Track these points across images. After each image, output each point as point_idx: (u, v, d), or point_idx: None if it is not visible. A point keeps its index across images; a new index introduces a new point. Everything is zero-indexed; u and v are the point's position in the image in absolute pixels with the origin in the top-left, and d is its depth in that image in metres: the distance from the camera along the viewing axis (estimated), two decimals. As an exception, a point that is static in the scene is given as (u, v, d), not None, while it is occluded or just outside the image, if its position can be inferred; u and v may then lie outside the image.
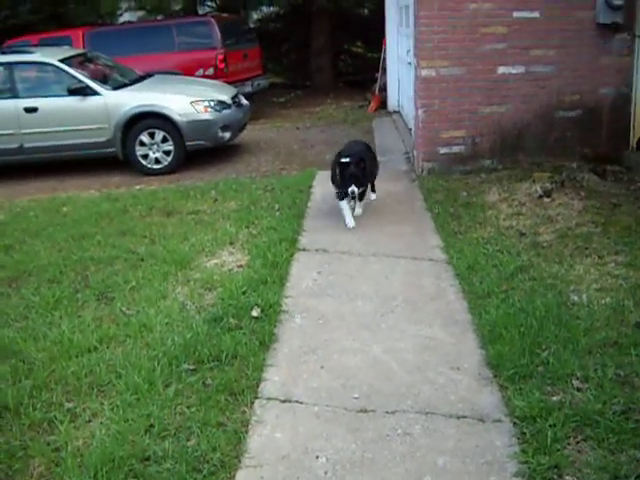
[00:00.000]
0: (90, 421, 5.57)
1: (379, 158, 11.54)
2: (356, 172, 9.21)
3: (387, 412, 5.48)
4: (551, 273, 7.72)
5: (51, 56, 14.34)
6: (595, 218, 9.31)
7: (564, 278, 7.59)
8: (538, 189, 10.46)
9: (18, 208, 12.17)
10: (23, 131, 14.19)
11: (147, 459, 5.02)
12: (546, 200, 10.15)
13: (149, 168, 14.44)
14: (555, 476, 4.78)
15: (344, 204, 9.56)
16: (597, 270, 7.76)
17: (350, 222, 9.51)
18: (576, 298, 7.08)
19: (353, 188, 9.11)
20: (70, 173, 14.76)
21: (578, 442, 5.11)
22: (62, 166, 14.84)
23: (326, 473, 4.88)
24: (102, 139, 14.27)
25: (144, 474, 4.85)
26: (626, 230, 8.79)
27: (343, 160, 9.36)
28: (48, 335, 6.91)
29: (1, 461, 5.04)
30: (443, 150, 12.12)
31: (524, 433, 5.20)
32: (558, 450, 4.99)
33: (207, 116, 14.37)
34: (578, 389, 5.67)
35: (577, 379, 5.78)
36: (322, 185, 11.60)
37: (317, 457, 4.98)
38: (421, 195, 11.15)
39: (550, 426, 5.19)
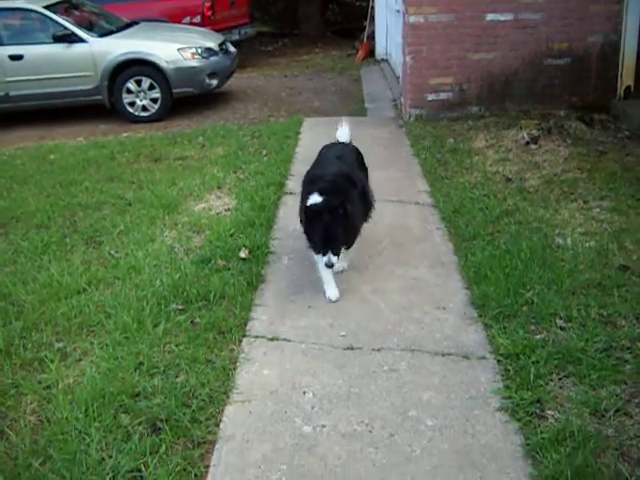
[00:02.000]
0: (80, 360, 5.61)
1: (367, 105, 11.22)
2: (334, 228, 5.75)
3: (373, 349, 5.56)
4: (537, 217, 7.77)
5: (36, 3, 14.11)
6: (581, 165, 9.34)
7: (549, 222, 7.63)
8: (525, 136, 10.46)
9: (5, 156, 12.07)
10: (8, 79, 13.98)
11: (137, 395, 5.08)
12: (533, 147, 10.17)
13: (136, 116, 14.33)
14: (537, 410, 4.87)
15: (320, 266, 6.16)
16: (582, 215, 7.81)
17: (332, 294, 6.30)
18: (561, 241, 7.14)
19: (330, 257, 5.81)
20: (57, 121, 14.62)
21: (560, 378, 5.20)
22: (49, 115, 14.72)
23: (313, 408, 4.95)
24: (88, 87, 14.11)
25: (134, 409, 4.91)
26: (611, 176, 8.83)
27: (312, 204, 5.86)
28: (37, 278, 6.92)
29: (-5, 399, 5.10)
30: (431, 97, 12.08)
31: (508, 370, 5.28)
32: (541, 386, 5.07)
33: (194, 63, 14.24)
34: (561, 328, 5.74)
35: (560, 318, 5.85)
36: (310, 131, 11.59)
37: (304, 392, 5.04)
38: (408, 141, 11.15)
39: (533, 363, 5.27)
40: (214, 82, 14.69)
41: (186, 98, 14.62)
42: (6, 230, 8.43)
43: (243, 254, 7.05)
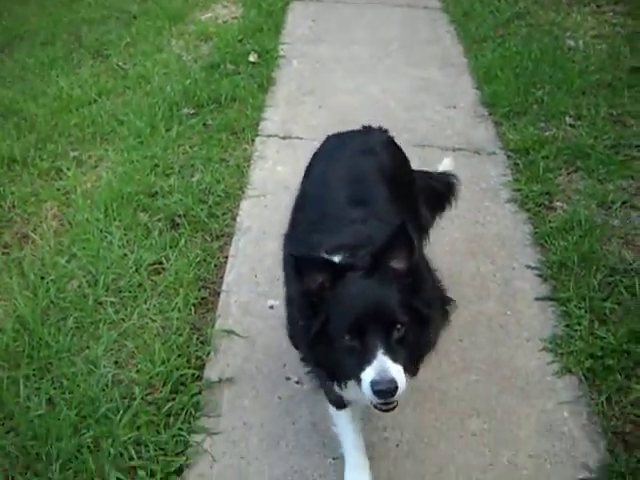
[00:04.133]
0: (96, 166, 5.62)
1: None
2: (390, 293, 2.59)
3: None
4: (548, 20, 7.55)
5: None
6: (594, -32, 8.96)
7: (561, 25, 7.43)
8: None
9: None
10: None
11: (154, 194, 5.12)
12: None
13: None
14: (546, 202, 4.91)
15: (343, 424, 3.21)
16: (594, 18, 7.59)
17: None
18: (572, 43, 6.98)
19: (384, 364, 2.43)
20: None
21: (569, 173, 5.21)
22: None
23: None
24: None
25: (152, 207, 4.96)
26: (625, -21, 8.48)
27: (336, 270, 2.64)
28: (47, 93, 6.80)
29: (17, 207, 5.11)
30: None
31: (517, 164, 5.29)
32: (550, 179, 5.09)
33: None
34: (571, 125, 5.71)
35: (570, 117, 5.81)
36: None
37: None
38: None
39: (543, 158, 5.28)
40: None
41: None
42: (11, 49, 8.19)
43: (252, 58, 6.91)
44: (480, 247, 4.54)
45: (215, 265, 4.51)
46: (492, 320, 3.99)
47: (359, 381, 2.46)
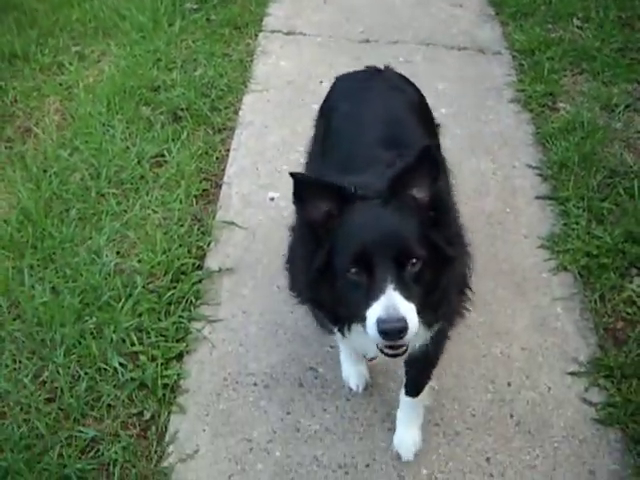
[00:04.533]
0: (99, 61, 5.51)
1: None
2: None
3: (389, 42, 5.43)
4: None
5: None
6: None
7: None
8: None
9: None
10: None
11: (157, 88, 5.04)
12: None
13: None
14: (550, 102, 4.85)
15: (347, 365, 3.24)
16: None
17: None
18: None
19: (392, 298, 2.09)
20: None
21: (574, 74, 5.12)
22: None
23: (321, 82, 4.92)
24: None
25: (155, 101, 4.90)
26: None
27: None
28: (47, -14, 6.60)
29: (19, 101, 5.05)
30: None
31: (522, 64, 5.19)
32: (554, 80, 5.01)
33: None
34: (578, 27, 5.58)
35: (578, 19, 5.67)
36: None
37: (321, 82, 4.95)
38: None
39: (548, 59, 5.18)
40: None
41: None
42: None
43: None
44: (481, 145, 4.50)
45: (217, 158, 4.48)
46: (491, 217, 3.98)
47: (363, 321, 2.12)
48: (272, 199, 4.14)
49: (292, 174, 2.17)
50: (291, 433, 2.99)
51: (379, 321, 2.04)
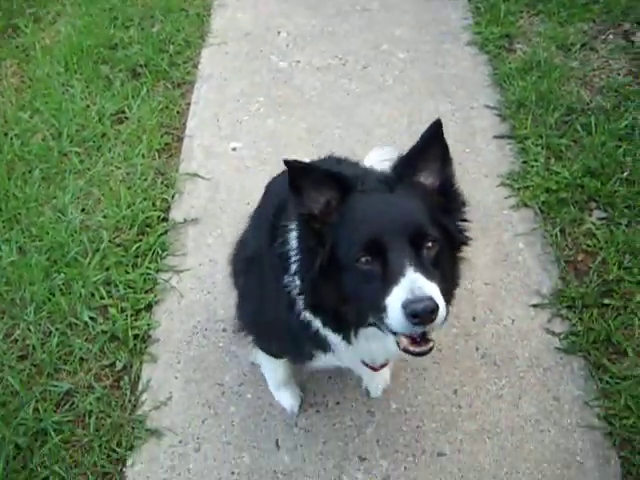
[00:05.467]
0: (55, 22, 5.40)
1: None
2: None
3: (346, -10, 5.37)
4: None
5: None
6: None
7: None
8: None
9: None
10: None
11: (114, 46, 4.97)
12: None
13: None
14: (506, 44, 4.83)
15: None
16: None
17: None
18: None
19: (417, 280, 1.86)
20: None
21: (530, 16, 5.10)
22: None
23: (287, 46, 4.89)
24: None
25: (113, 59, 4.83)
26: None
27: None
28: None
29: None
30: None
31: (478, 8, 5.16)
32: (511, 22, 4.99)
33: None
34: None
35: (532, -40, 5.60)
36: None
37: (279, 32, 4.93)
38: None
39: (504, 1, 5.14)
40: None
41: None
42: None
43: None
44: (439, 88, 4.48)
45: (177, 112, 4.45)
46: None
47: (382, 312, 1.86)
48: (234, 149, 4.12)
49: (286, 162, 1.91)
50: (261, 375, 3.00)
51: (406, 303, 1.79)
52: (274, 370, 2.89)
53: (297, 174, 1.94)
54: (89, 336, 3.20)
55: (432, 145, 1.98)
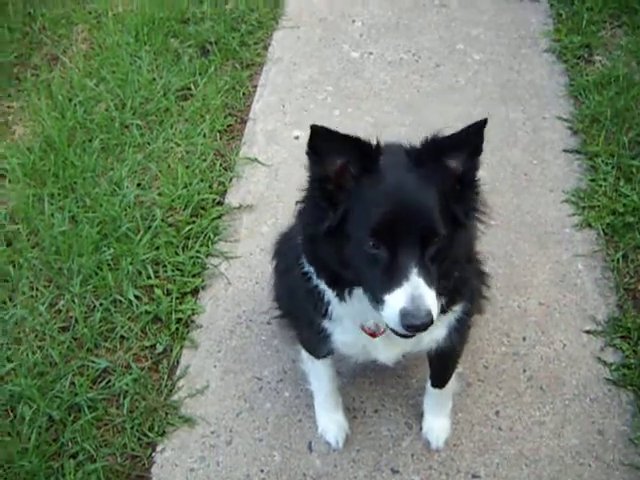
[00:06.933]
0: (130, -10, 5.38)
1: None
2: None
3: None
4: None
5: None
6: None
7: None
8: None
9: None
10: None
11: (186, 21, 4.93)
12: None
13: None
14: (586, 54, 4.67)
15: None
16: None
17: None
18: None
19: (415, 280, 1.90)
20: None
21: (613, 27, 4.92)
22: None
23: (361, 36, 4.80)
24: None
25: (184, 33, 4.79)
26: None
27: None
28: None
29: (47, 29, 4.96)
30: None
31: (560, 14, 4.99)
32: (592, 32, 4.81)
33: None
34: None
35: (621, -30, 5.41)
36: None
37: (353, 21, 4.83)
38: None
39: (587, 9, 4.97)
40: None
41: None
42: None
43: None
44: (512, 94, 4.35)
45: (243, 94, 4.40)
46: (517, 168, 3.86)
47: (379, 302, 1.92)
48: (297, 137, 4.05)
49: (312, 126, 1.86)
50: (302, 374, 2.93)
51: (404, 313, 1.84)
52: (319, 380, 2.80)
53: (319, 137, 1.90)
54: (132, 315, 3.18)
55: (470, 137, 1.95)
